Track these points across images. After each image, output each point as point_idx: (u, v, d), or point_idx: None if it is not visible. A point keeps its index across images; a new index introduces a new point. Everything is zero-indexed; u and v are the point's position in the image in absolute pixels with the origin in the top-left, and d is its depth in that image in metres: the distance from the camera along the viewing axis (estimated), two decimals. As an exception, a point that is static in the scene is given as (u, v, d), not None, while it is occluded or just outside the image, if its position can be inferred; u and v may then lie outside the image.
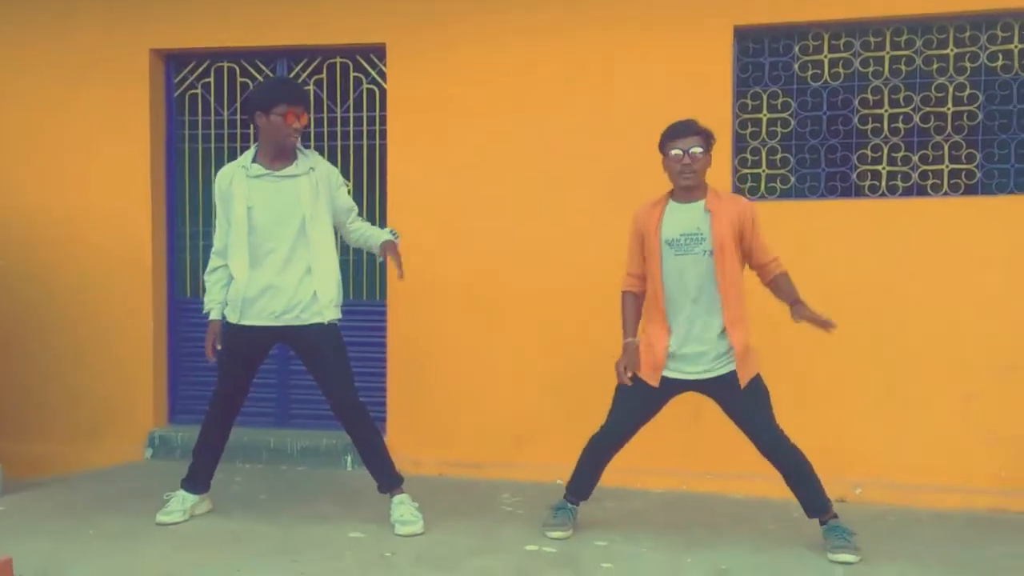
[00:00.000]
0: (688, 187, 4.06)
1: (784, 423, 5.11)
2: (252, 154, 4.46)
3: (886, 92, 5.33)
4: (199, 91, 6.23)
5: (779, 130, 5.45)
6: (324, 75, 6.02)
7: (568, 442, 5.45)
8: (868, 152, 5.36)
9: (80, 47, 6.11)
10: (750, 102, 5.47)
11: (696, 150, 4.02)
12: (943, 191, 5.25)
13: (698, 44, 5.35)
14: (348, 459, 5.65)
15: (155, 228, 6.13)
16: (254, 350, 4.51)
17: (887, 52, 5.31)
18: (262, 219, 4.36)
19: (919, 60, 5.28)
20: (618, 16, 5.45)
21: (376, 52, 5.88)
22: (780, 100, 5.44)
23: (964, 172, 5.24)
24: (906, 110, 5.31)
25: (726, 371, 4.06)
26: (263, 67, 6.09)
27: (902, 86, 5.31)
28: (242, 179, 4.40)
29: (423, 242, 5.69)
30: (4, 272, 6.10)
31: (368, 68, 5.95)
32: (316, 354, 4.41)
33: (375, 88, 5.95)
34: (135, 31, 6.05)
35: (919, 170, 5.29)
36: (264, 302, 4.38)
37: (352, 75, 6.00)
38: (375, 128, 5.97)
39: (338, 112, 6.02)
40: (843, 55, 5.35)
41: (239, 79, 6.15)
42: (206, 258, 6.15)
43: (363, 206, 6.00)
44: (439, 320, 5.69)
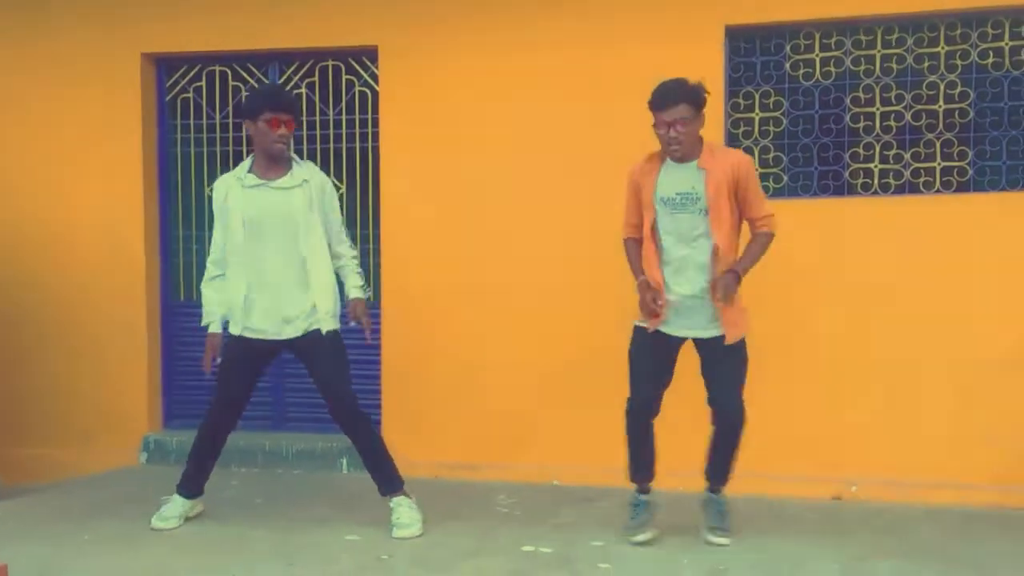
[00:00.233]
0: (680, 156, 4.05)
1: (779, 421, 5.14)
2: (248, 164, 4.42)
3: (878, 90, 5.34)
4: (191, 95, 6.23)
5: (771, 129, 5.46)
6: (316, 78, 6.01)
7: (563, 443, 5.48)
8: (860, 150, 5.37)
9: (72, 51, 6.09)
10: (742, 101, 5.47)
11: (680, 121, 3.97)
12: (935, 189, 5.26)
13: (690, 44, 5.34)
14: (344, 462, 5.65)
15: (148, 232, 6.12)
16: (254, 361, 4.47)
17: (878, 50, 5.32)
18: (258, 231, 4.32)
19: (910, 58, 5.29)
20: (610, 17, 5.45)
21: (368, 54, 5.88)
22: (772, 99, 5.45)
23: (956, 169, 5.25)
24: (898, 108, 5.32)
25: (716, 333, 4.08)
26: (255, 70, 6.09)
27: (894, 84, 5.32)
28: (238, 190, 4.36)
29: (416, 244, 5.70)
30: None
31: (360, 71, 5.95)
32: (315, 360, 4.39)
33: (367, 90, 5.95)
34: (127, 35, 6.04)
35: (911, 168, 5.30)
36: (263, 315, 4.36)
37: (344, 78, 5.99)
38: (368, 130, 5.97)
39: (331, 115, 6.02)
40: (834, 54, 5.36)
41: (231, 83, 6.14)
42: (199, 261, 6.18)
43: (356, 209, 6.00)
44: (432, 322, 5.68)
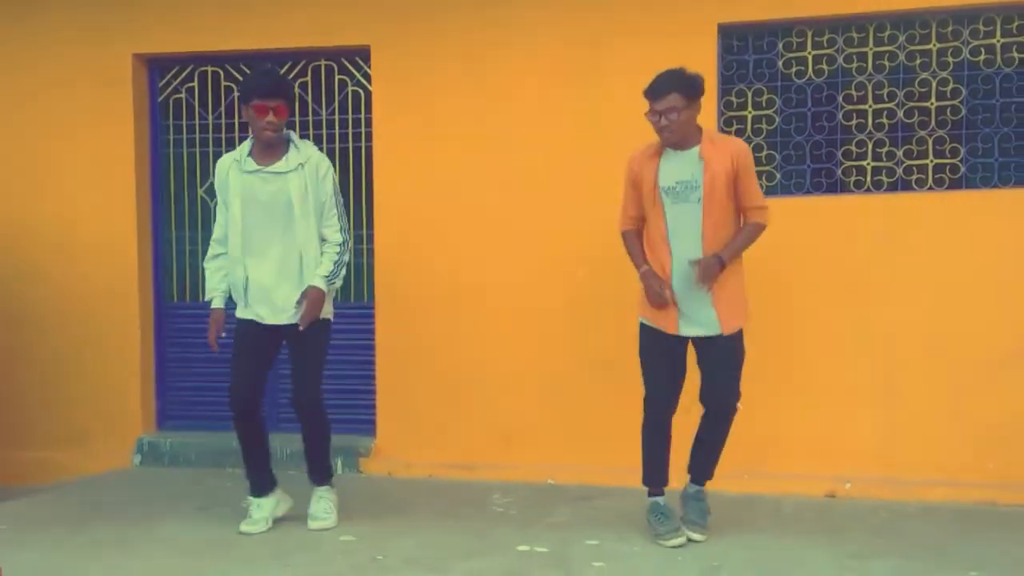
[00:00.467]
0: (672, 144, 4.05)
1: (773, 419, 5.15)
2: (248, 146, 4.39)
3: (870, 88, 5.35)
4: (183, 96, 6.21)
5: (764, 127, 5.46)
6: (309, 78, 6.00)
7: (558, 442, 5.49)
8: (853, 148, 5.38)
9: (63, 52, 6.07)
10: (735, 99, 5.48)
11: (671, 110, 3.97)
12: (928, 186, 5.27)
13: (682, 42, 5.34)
14: (338, 462, 5.64)
15: (141, 233, 6.10)
16: (261, 343, 4.44)
17: (870, 48, 5.33)
18: (253, 216, 4.31)
19: (902, 55, 5.30)
20: (602, 16, 5.45)
21: (361, 54, 5.87)
22: (765, 97, 5.45)
23: (948, 167, 5.26)
24: (890, 105, 5.33)
25: (714, 332, 4.09)
26: (247, 70, 6.07)
27: (886, 82, 5.33)
28: (237, 173, 4.34)
29: (410, 243, 5.69)
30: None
31: (353, 70, 5.94)
32: (296, 347, 4.41)
33: (360, 90, 5.94)
34: (118, 36, 6.02)
35: (904, 165, 5.31)
36: (259, 300, 4.36)
37: (337, 77, 5.99)
38: (361, 130, 5.96)
39: (323, 114, 6.01)
40: (827, 51, 5.37)
41: (223, 83, 6.13)
42: (193, 263, 6.19)
43: (349, 209, 5.98)
44: (427, 322, 5.68)
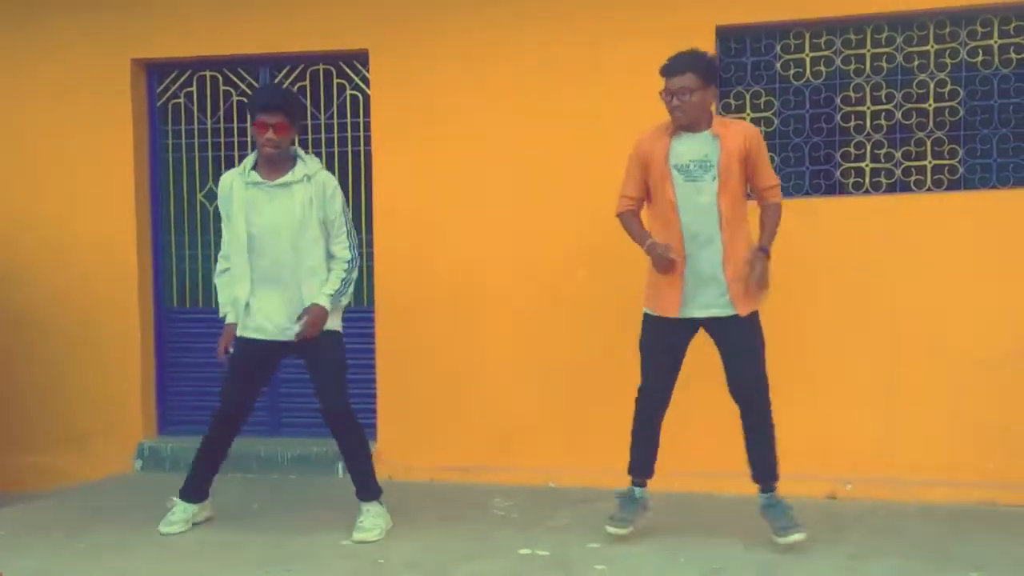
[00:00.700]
0: (682, 125, 4.05)
1: (774, 420, 5.14)
2: (252, 160, 4.38)
3: (868, 89, 5.36)
4: (182, 100, 6.22)
5: (763, 129, 5.45)
6: (307, 82, 6.01)
7: (559, 445, 5.49)
8: (851, 150, 5.39)
9: (62, 58, 6.08)
10: (733, 102, 5.48)
11: (685, 90, 3.97)
12: (926, 187, 5.28)
13: (680, 45, 5.29)
14: (339, 467, 5.63)
15: (140, 238, 6.10)
16: (257, 365, 4.45)
17: (868, 50, 5.34)
18: (258, 231, 4.30)
19: (900, 57, 5.31)
20: (601, 18, 5.45)
21: (359, 58, 5.87)
22: (763, 99, 5.46)
23: (947, 168, 5.27)
24: (888, 107, 5.33)
25: (729, 313, 4.08)
26: (246, 75, 6.08)
27: (884, 83, 5.34)
28: (240, 188, 4.33)
29: (410, 247, 5.69)
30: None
31: (351, 74, 5.95)
32: (311, 363, 4.40)
33: (358, 94, 5.95)
34: (117, 41, 6.02)
35: (902, 167, 5.32)
36: (264, 315, 4.34)
37: (335, 81, 5.99)
38: (359, 134, 5.96)
39: (322, 118, 6.01)
40: (825, 53, 5.38)
41: (222, 88, 6.13)
42: (193, 267, 6.19)
43: (348, 211, 5.99)
44: (427, 325, 5.68)
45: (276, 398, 6.07)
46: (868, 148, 5.36)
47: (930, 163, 5.28)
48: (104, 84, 6.04)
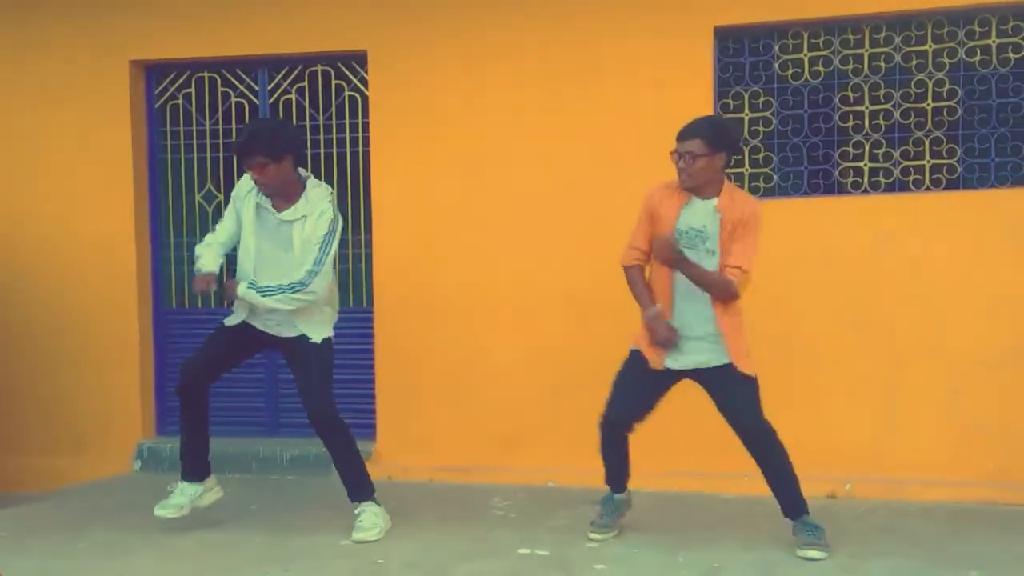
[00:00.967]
0: (687, 188, 4.01)
1: (773, 420, 5.13)
2: None
3: (866, 89, 5.36)
4: (180, 102, 6.22)
5: (761, 129, 5.47)
6: (306, 83, 6.01)
7: (558, 445, 5.48)
8: (850, 149, 5.39)
9: (60, 59, 6.08)
10: (731, 102, 5.49)
11: (690, 154, 3.93)
12: (925, 186, 5.28)
13: (678, 46, 5.36)
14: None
15: (139, 239, 6.10)
16: (244, 337, 4.44)
17: (866, 49, 5.34)
18: (259, 250, 4.32)
19: (898, 57, 5.31)
20: (599, 21, 5.45)
21: (357, 59, 5.87)
22: (761, 99, 5.46)
23: (945, 167, 5.27)
24: (886, 107, 5.34)
25: (723, 361, 4.04)
26: (244, 76, 6.08)
27: (882, 83, 5.34)
28: (253, 200, 4.32)
29: (409, 247, 5.70)
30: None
31: (349, 75, 5.95)
32: (297, 368, 4.41)
33: (357, 95, 5.95)
34: (115, 43, 6.03)
35: (901, 166, 5.32)
36: (258, 316, 4.38)
37: (334, 82, 5.99)
38: (358, 135, 5.96)
39: (320, 120, 6.01)
40: (823, 53, 5.38)
41: (220, 89, 6.13)
42: (191, 269, 6.14)
43: (347, 214, 5.99)
44: (426, 326, 5.68)
45: (275, 399, 6.07)
46: (867, 148, 5.37)
47: (928, 162, 5.28)
48: (103, 85, 6.05)
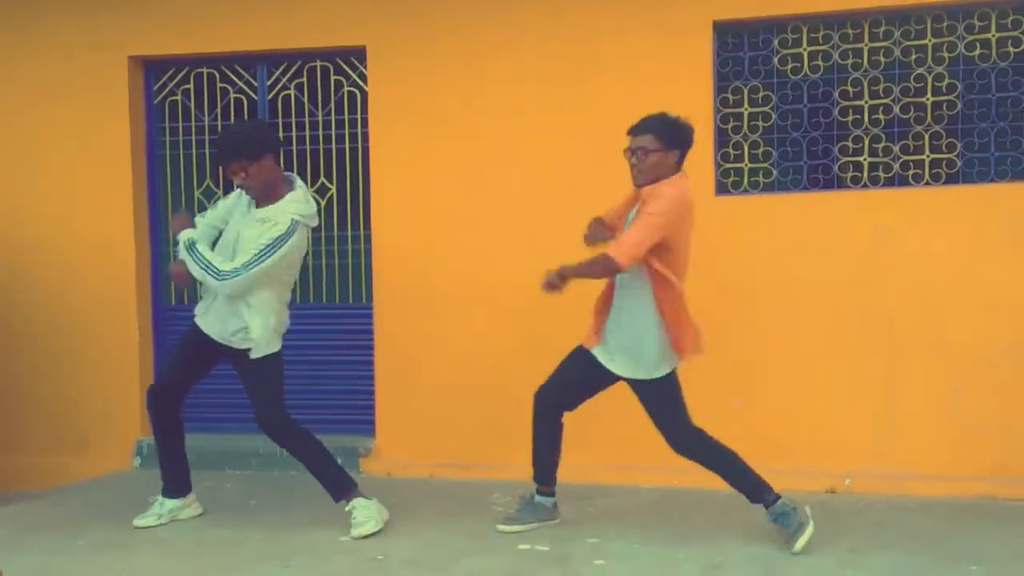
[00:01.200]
0: (639, 184, 4.06)
1: (772, 415, 5.15)
2: None
3: (866, 84, 5.35)
4: (179, 98, 6.21)
5: (760, 124, 5.46)
6: (305, 79, 6.00)
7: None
8: (849, 144, 5.39)
9: (59, 56, 6.07)
10: (731, 97, 5.48)
11: (641, 149, 3.98)
12: (925, 181, 5.27)
13: (678, 41, 5.35)
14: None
15: (138, 236, 6.10)
16: (200, 350, 4.46)
17: (866, 44, 5.33)
18: (234, 247, 4.33)
19: (898, 51, 5.30)
20: (598, 16, 5.44)
21: (356, 54, 5.86)
22: (761, 94, 5.45)
23: (945, 161, 5.27)
24: (886, 101, 5.33)
25: (636, 375, 4.12)
26: (243, 72, 6.07)
27: (881, 77, 5.33)
28: (244, 202, 4.37)
29: (408, 243, 5.69)
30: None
31: (348, 71, 5.94)
32: (243, 380, 4.42)
33: (356, 91, 5.94)
34: (113, 39, 6.01)
35: (900, 160, 5.32)
36: (213, 320, 4.39)
37: (333, 78, 5.98)
38: (357, 131, 5.95)
39: (319, 115, 6.00)
40: (822, 48, 5.37)
41: (219, 85, 6.13)
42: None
43: (347, 209, 6.00)
44: (425, 321, 5.68)
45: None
46: (866, 142, 5.36)
47: (928, 157, 5.28)
48: (101, 82, 6.04)
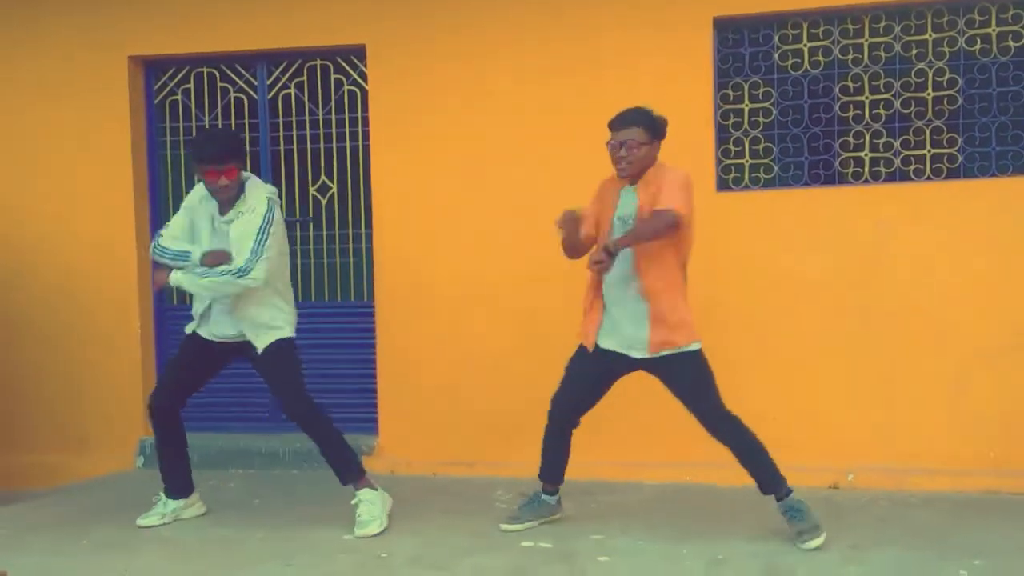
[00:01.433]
0: (627, 176, 4.07)
1: (774, 411, 5.14)
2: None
3: (866, 79, 5.35)
4: (179, 97, 6.21)
5: (761, 120, 5.46)
6: (305, 77, 6.00)
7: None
8: (850, 139, 5.38)
9: (58, 56, 6.07)
10: (731, 93, 5.47)
11: (633, 143, 4.01)
12: (926, 176, 5.27)
13: (678, 38, 5.34)
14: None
15: (139, 235, 6.08)
16: (203, 355, 4.53)
17: (866, 39, 5.33)
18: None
19: (898, 46, 5.30)
20: (598, 14, 5.44)
21: (356, 53, 5.86)
22: (761, 90, 5.45)
23: (946, 156, 5.26)
24: (887, 96, 5.33)
25: (665, 352, 4.06)
26: (243, 71, 6.07)
27: (882, 72, 5.33)
28: (207, 211, 4.40)
29: (409, 241, 5.69)
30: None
31: (349, 70, 5.94)
32: (263, 373, 4.47)
33: (356, 89, 5.94)
34: (113, 39, 6.01)
35: (901, 156, 5.31)
36: (219, 323, 4.43)
37: (333, 77, 5.98)
38: (357, 129, 5.95)
39: (320, 114, 6.00)
40: (822, 43, 5.36)
41: (219, 84, 6.12)
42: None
43: (347, 208, 6.00)
44: (427, 319, 5.67)
45: (277, 394, 6.07)
46: (867, 138, 5.36)
47: (929, 152, 5.27)
48: (101, 81, 6.04)
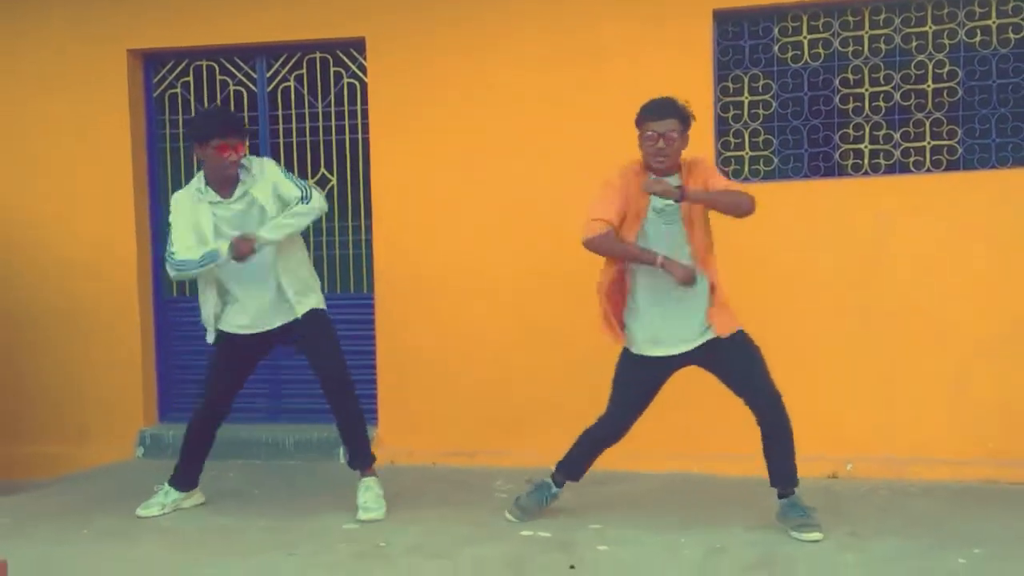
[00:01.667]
0: (664, 168, 4.02)
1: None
2: (203, 179, 4.43)
3: (866, 71, 5.35)
4: (178, 90, 6.21)
5: (761, 112, 5.46)
6: (304, 70, 6.00)
7: (561, 427, 5.45)
8: (850, 131, 5.39)
9: (56, 49, 6.07)
10: (731, 85, 5.48)
11: (671, 134, 3.97)
12: (926, 168, 5.28)
13: (678, 29, 5.35)
14: (341, 451, 5.63)
15: (139, 227, 6.10)
16: (240, 357, 4.55)
17: (866, 31, 5.33)
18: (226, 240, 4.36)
19: (898, 38, 5.30)
20: (598, 6, 5.44)
21: (355, 46, 5.86)
22: (761, 82, 5.45)
23: (946, 148, 5.27)
24: (887, 88, 5.33)
25: (710, 337, 4.05)
26: (242, 64, 6.07)
27: (882, 64, 5.33)
28: (204, 205, 4.39)
29: (409, 233, 5.69)
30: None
31: (348, 62, 5.94)
32: (301, 344, 4.51)
33: (356, 82, 5.94)
34: (112, 32, 6.01)
35: (901, 148, 5.32)
36: (242, 314, 4.45)
37: (332, 70, 5.98)
38: (357, 122, 5.95)
39: (319, 107, 6.00)
40: (822, 35, 5.37)
41: (218, 77, 6.13)
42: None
43: (347, 201, 6.00)
44: (426, 311, 5.68)
45: (277, 384, 6.08)
46: (867, 130, 5.36)
47: (929, 144, 5.28)
48: (100, 75, 6.04)
